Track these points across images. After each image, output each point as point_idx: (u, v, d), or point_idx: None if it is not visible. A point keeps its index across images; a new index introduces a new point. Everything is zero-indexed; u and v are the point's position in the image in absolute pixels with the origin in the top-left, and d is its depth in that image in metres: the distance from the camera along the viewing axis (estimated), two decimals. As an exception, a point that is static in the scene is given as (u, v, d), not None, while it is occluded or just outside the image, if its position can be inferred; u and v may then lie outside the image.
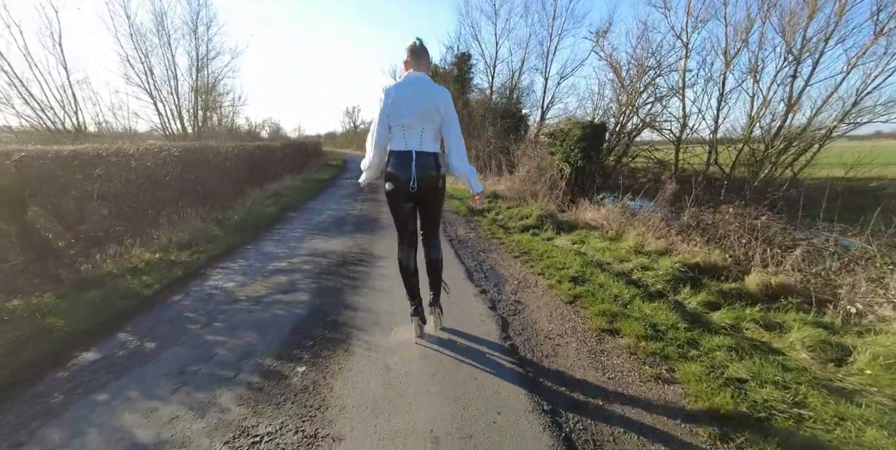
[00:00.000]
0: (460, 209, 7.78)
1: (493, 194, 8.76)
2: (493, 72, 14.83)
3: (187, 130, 20.13)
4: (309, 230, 6.00)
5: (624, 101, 8.49)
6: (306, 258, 4.48)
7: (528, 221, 6.18)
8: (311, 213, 7.61)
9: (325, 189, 11.20)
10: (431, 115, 2.25)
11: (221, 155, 9.30)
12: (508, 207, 7.66)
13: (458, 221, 6.79)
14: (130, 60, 18.09)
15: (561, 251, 4.38)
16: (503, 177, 10.33)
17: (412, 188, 2.24)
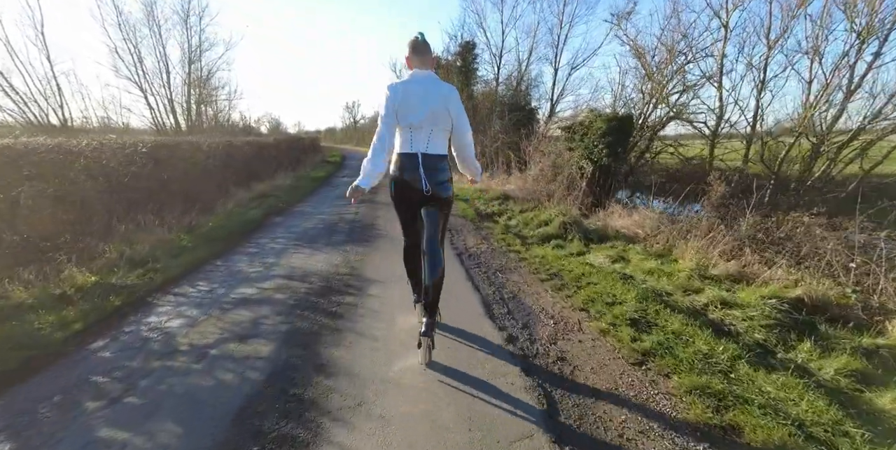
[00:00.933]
0: (467, 212, 6.83)
1: (504, 196, 7.80)
2: (500, 62, 13.81)
3: (180, 125, 19.21)
4: (293, 240, 5.06)
5: (648, 91, 7.52)
6: (281, 282, 3.54)
7: (549, 230, 5.24)
8: (299, 217, 6.67)
9: (318, 189, 10.25)
10: (441, 115, 2.11)
11: (204, 152, 8.34)
12: (522, 211, 6.71)
13: (465, 227, 5.84)
14: (119, 52, 17.11)
15: (601, 274, 3.43)
16: (513, 175, 9.37)
17: (426, 192, 2.10)
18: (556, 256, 4.16)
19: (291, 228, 5.79)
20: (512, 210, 6.83)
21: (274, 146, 14.01)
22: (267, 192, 8.69)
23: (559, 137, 7.83)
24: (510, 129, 10.50)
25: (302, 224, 6.08)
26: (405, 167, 2.13)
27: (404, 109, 2.08)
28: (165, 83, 18.75)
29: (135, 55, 17.26)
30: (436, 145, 2.14)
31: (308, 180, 11.34)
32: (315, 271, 3.81)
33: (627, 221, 5.32)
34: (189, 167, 7.58)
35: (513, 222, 6.12)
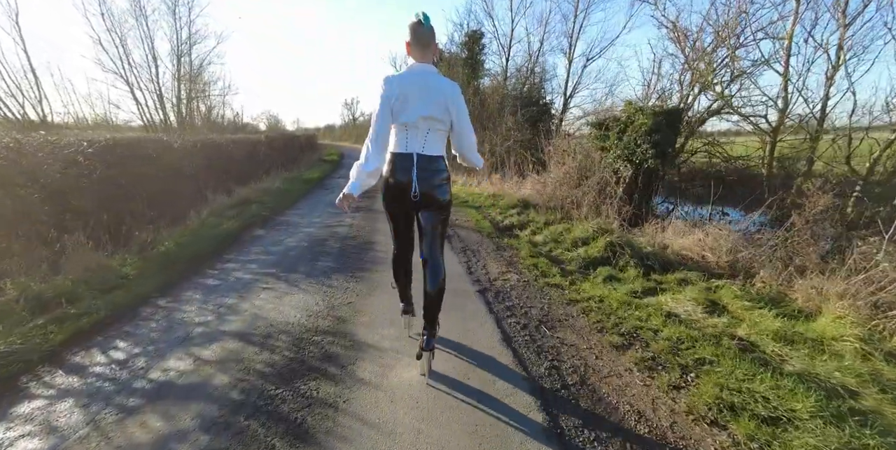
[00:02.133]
0: (482, 225, 5.67)
1: (522, 203, 6.63)
2: (509, 54, 12.60)
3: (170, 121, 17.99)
4: (267, 267, 3.90)
5: (691, 80, 6.37)
6: (232, 348, 2.39)
7: (591, 251, 4.08)
8: (282, 230, 5.50)
9: (311, 192, 9.07)
10: (440, 114, 1.89)
11: (177, 152, 7.16)
12: (548, 223, 5.55)
13: (483, 245, 4.69)
14: (103, 43, 15.83)
15: (707, 340, 2.21)
16: (528, 178, 8.20)
17: (415, 197, 1.90)
18: (618, 297, 3.00)
19: (270, 248, 4.63)
20: (535, 222, 5.67)
21: (266, 144, 12.82)
22: (251, 197, 7.51)
23: (587, 135, 6.67)
24: (523, 126, 9.32)
25: (284, 240, 4.92)
26: (398, 168, 1.92)
27: (400, 106, 1.86)
28: (154, 77, 17.52)
29: (120, 47, 16.00)
30: (433, 146, 1.94)
31: (300, 182, 10.16)
32: (284, 325, 2.65)
33: (689, 241, 4.16)
34: (158, 170, 6.42)
35: (539, 238, 4.97)
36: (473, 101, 10.95)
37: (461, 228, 5.60)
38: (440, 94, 1.87)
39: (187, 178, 7.43)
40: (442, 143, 1.98)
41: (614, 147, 5.69)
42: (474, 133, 2.06)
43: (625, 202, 5.67)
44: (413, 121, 1.87)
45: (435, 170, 1.93)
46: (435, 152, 1.94)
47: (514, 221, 5.78)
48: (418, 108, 1.85)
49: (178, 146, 6.98)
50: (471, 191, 8.31)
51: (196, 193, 7.30)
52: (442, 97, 1.87)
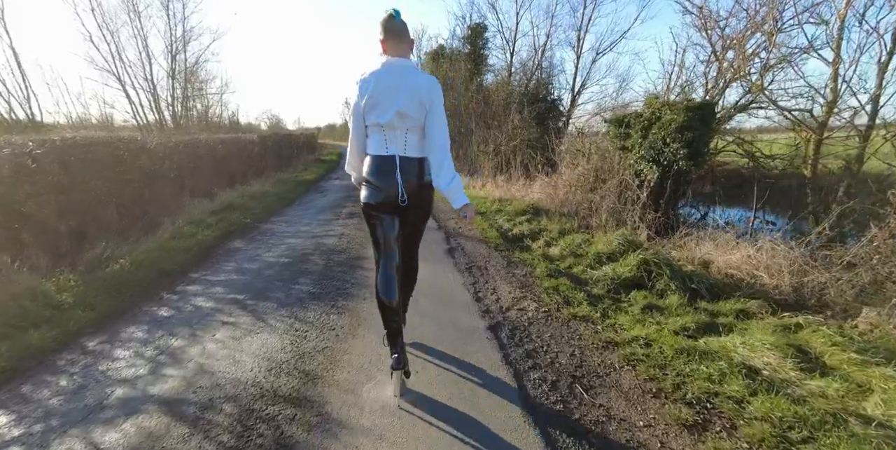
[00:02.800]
0: (488, 234, 4.99)
1: (532, 209, 5.94)
2: (513, 49, 11.91)
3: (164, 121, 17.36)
4: (234, 291, 3.23)
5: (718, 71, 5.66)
6: (151, 427, 1.69)
7: (622, 270, 3.39)
8: (264, 242, 4.83)
9: (303, 196, 8.40)
10: (415, 112, 1.72)
11: (153, 152, 6.49)
12: (563, 233, 4.87)
13: (491, 260, 4.01)
14: (94, 40, 15.17)
15: (835, 430, 1.50)
16: (537, 181, 7.51)
17: (402, 202, 1.77)
18: (669, 340, 2.30)
19: (244, 265, 3.96)
20: (548, 231, 4.99)
21: (259, 144, 12.14)
22: (235, 202, 6.84)
23: (604, 133, 5.97)
24: (530, 123, 8.63)
25: (262, 255, 4.25)
26: (379, 172, 1.78)
27: (374, 105, 1.73)
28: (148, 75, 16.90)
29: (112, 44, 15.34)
30: (414, 147, 1.79)
31: (293, 185, 9.50)
32: (233, 385, 1.97)
33: (736, 258, 3.47)
34: (132, 173, 5.75)
35: (555, 251, 4.28)
36: (476, 98, 10.26)
37: (466, 238, 4.92)
38: (415, 88, 1.71)
39: (168, 181, 6.76)
40: (423, 143, 1.82)
41: (637, 147, 5.00)
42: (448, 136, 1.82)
43: (649, 208, 4.99)
44: (388, 120, 1.72)
45: (419, 172, 1.81)
46: (417, 154, 1.81)
47: (524, 229, 5.09)
48: (393, 104, 1.71)
49: (153, 147, 6.30)
50: (474, 194, 7.62)
51: (176, 197, 6.64)
52: (416, 92, 1.71)
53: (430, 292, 3.13)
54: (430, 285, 3.27)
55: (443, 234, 5.08)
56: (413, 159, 1.80)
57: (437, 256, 4.13)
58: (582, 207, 5.70)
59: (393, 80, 1.72)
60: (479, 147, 10.03)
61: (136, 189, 5.83)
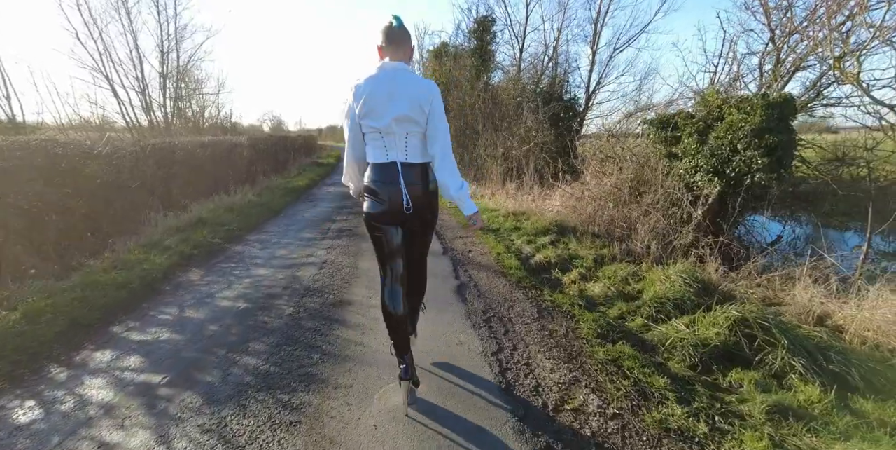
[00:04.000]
0: (507, 264, 3.94)
1: (556, 225, 4.88)
2: (522, 45, 10.86)
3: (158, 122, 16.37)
4: (151, 369, 2.19)
5: (777, 62, 4.61)
6: None
7: (706, 333, 2.33)
8: (224, 273, 3.80)
9: (291, 206, 7.37)
10: (416, 116, 1.62)
11: (106, 159, 5.47)
12: (600, 261, 3.82)
13: (515, 306, 2.96)
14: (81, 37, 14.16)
15: None
16: (556, 190, 6.47)
17: (407, 210, 1.67)
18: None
19: (187, 311, 2.92)
20: (581, 258, 3.94)
21: (249, 147, 11.13)
22: (208, 217, 5.81)
23: (643, 135, 4.94)
24: (544, 125, 7.59)
25: (216, 296, 3.21)
26: (382, 180, 1.68)
27: (369, 111, 1.62)
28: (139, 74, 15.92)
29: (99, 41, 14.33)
30: (415, 152, 1.70)
31: (281, 193, 8.46)
32: None
33: (880, 316, 2.40)
34: (72, 185, 4.73)
35: (597, 290, 3.23)
36: (484, 97, 9.22)
37: (477, 267, 3.88)
38: (414, 92, 1.62)
39: (130, 193, 5.75)
40: (425, 148, 1.72)
41: (691, 154, 3.96)
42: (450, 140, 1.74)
43: (704, 230, 3.95)
44: (385, 125, 1.63)
45: (421, 179, 1.71)
46: (419, 159, 1.71)
47: (550, 255, 4.04)
48: (391, 109, 1.61)
49: (106, 152, 5.27)
50: (484, 206, 6.58)
51: (139, 212, 5.62)
52: (414, 96, 1.61)
53: (436, 371, 2.10)
54: (435, 352, 2.24)
55: (449, 261, 4.04)
56: (416, 165, 1.72)
57: (444, 298, 3.09)
58: (616, 225, 4.65)
59: (389, 85, 1.62)
60: (485, 151, 9.00)
61: (84, 204, 4.82)
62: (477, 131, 9.46)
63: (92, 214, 4.83)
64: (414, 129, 1.66)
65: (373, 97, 1.61)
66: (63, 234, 4.52)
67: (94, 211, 5.00)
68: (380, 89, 1.61)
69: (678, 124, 4.21)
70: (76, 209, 4.77)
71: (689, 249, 3.88)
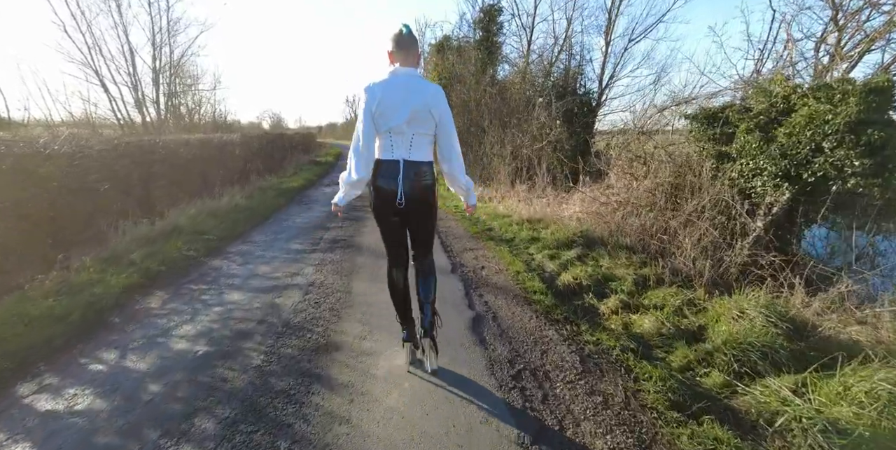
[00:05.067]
0: (528, 286, 3.25)
1: (581, 237, 4.17)
2: (531, 36, 10.08)
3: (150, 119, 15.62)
4: None
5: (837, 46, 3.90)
6: None
7: (841, 412, 1.65)
8: (191, 298, 3.10)
9: (282, 210, 6.65)
10: (424, 118, 1.78)
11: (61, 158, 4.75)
12: (642, 284, 3.13)
13: (548, 350, 2.27)
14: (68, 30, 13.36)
15: None
16: (574, 193, 5.76)
17: (399, 204, 1.79)
18: None
19: (127, 359, 2.23)
20: (618, 278, 3.24)
21: (241, 146, 10.40)
22: (185, 225, 5.11)
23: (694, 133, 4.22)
24: (557, 122, 6.86)
25: (172, 334, 2.51)
26: (384, 175, 1.81)
27: (382, 112, 1.74)
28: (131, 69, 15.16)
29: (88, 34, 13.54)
30: (419, 151, 1.82)
31: (274, 194, 7.75)
32: None
33: None
34: (17, 190, 4.03)
35: (647, 325, 2.54)
36: (490, 92, 8.48)
37: (494, 290, 3.18)
38: (423, 97, 1.75)
39: (96, 197, 5.04)
40: (428, 148, 1.86)
41: (752, 154, 3.25)
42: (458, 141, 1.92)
43: (766, 246, 3.25)
44: (396, 126, 1.75)
45: (421, 176, 1.82)
46: (420, 158, 1.83)
47: (580, 275, 3.34)
48: (401, 113, 1.73)
49: (64, 151, 4.55)
50: (493, 211, 5.87)
51: (105, 219, 4.91)
52: (424, 101, 1.75)
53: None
54: (452, 438, 1.55)
55: (459, 282, 3.34)
56: (417, 163, 1.81)
57: (457, 337, 2.40)
58: (653, 236, 3.94)
59: (401, 90, 1.74)
60: (492, 149, 8.28)
61: (34, 211, 4.11)
62: (483, 128, 8.73)
63: (42, 223, 4.12)
64: (420, 130, 1.79)
65: (386, 101, 1.71)
66: (2, 247, 3.82)
67: (49, 219, 4.30)
68: (392, 94, 1.72)
69: (729, 119, 3.51)
70: (29, 216, 4.08)
71: (745, 268, 3.19)
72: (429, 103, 1.75)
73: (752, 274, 3.10)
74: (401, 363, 2.11)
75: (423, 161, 1.83)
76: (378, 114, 1.73)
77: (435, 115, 1.79)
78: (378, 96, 1.72)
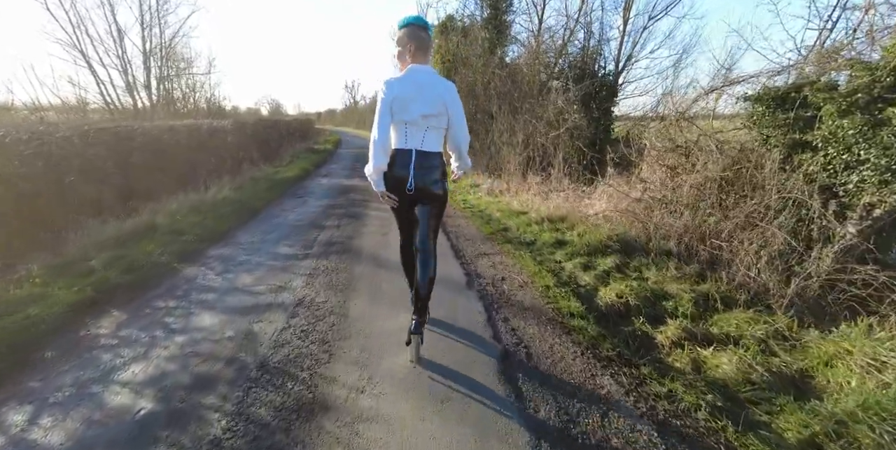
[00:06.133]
0: (562, 305, 2.61)
1: (618, 241, 3.52)
2: (542, 15, 9.19)
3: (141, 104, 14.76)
4: None
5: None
6: None
7: None
8: (150, 320, 2.45)
9: (274, 204, 5.96)
10: (438, 113, 1.87)
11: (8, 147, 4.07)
12: (703, 303, 2.49)
13: (589, 385, 1.66)
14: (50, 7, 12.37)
15: None
16: (595, 187, 5.07)
17: (409, 190, 1.88)
18: None
19: (41, 422, 1.61)
20: (672, 297, 2.60)
21: (234, 133, 9.63)
22: (162, 222, 4.44)
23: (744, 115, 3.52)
24: (576, 107, 6.12)
25: (115, 377, 1.88)
26: (397, 163, 1.89)
27: (400, 106, 1.83)
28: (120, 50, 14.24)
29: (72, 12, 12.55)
30: (431, 142, 1.91)
31: (266, 186, 7.04)
32: None
33: None
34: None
35: (726, 367, 1.93)
36: (500, 75, 7.69)
37: (522, 312, 2.54)
38: (438, 92, 1.85)
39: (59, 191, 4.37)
40: (439, 140, 1.95)
41: (847, 143, 2.57)
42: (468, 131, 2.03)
43: (859, 257, 2.61)
44: (412, 119, 1.84)
45: (431, 165, 1.90)
46: (432, 149, 1.91)
47: (623, 291, 2.69)
48: (418, 106, 1.83)
49: (10, 140, 3.85)
50: (508, 207, 5.19)
51: (66, 217, 4.25)
52: (439, 97, 1.85)
53: None
54: None
55: (478, 300, 2.70)
56: (428, 153, 1.89)
57: (485, 385, 1.76)
58: (702, 240, 3.29)
59: (419, 85, 1.83)
60: (501, 137, 7.54)
61: None
62: (490, 115, 7.97)
63: None
64: (434, 123, 1.89)
65: (403, 96, 1.81)
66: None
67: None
68: (411, 88, 1.82)
69: (808, 100, 2.82)
70: None
71: (832, 283, 2.56)
72: (443, 99, 1.85)
73: (841, 291, 2.47)
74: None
75: (434, 152, 1.92)
76: (396, 108, 1.82)
77: (449, 110, 1.88)
78: (396, 92, 1.81)
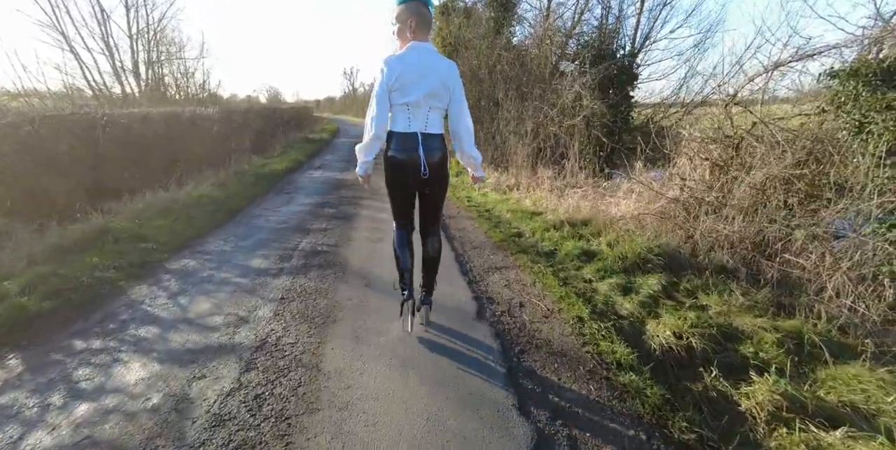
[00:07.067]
0: (602, 346, 1.95)
1: (663, 255, 2.83)
2: (551, -9, 8.27)
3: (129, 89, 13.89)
4: None
5: None
6: None
7: None
8: (75, 365, 1.79)
9: (258, 201, 5.24)
10: (440, 93, 1.76)
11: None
12: (793, 350, 1.83)
13: None
14: (24, -13, 11.41)
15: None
16: (619, 184, 4.36)
17: (424, 174, 1.78)
18: None
19: None
20: (747, 336, 1.94)
21: (221, 122, 8.85)
22: (119, 226, 3.74)
23: (828, 95, 2.80)
24: (594, 92, 5.35)
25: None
26: (403, 148, 1.78)
27: (401, 86, 1.71)
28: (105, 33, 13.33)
29: (53, -8, 11.58)
30: (434, 124, 1.82)
31: (251, 180, 6.31)
32: None
33: None
34: None
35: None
36: (507, 57, 6.86)
37: (552, 358, 1.88)
38: (440, 71, 1.74)
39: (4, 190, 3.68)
40: (441, 121, 1.85)
41: None
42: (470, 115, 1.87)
43: None
44: (414, 100, 1.73)
45: (438, 147, 1.83)
46: (437, 131, 1.83)
47: (680, 327, 2.02)
48: (420, 86, 1.72)
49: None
50: (519, 206, 4.48)
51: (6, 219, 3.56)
52: (441, 75, 1.74)
53: None
54: None
55: (494, 339, 2.04)
56: (433, 135, 1.81)
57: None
58: (767, 254, 2.60)
59: (420, 63, 1.71)
60: (507, 126, 6.78)
61: None
62: (496, 102, 7.18)
63: None
64: (436, 104, 1.77)
65: (406, 74, 1.70)
66: None
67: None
68: (412, 68, 1.70)
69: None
70: None
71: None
72: (444, 79, 1.75)
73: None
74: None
75: (438, 133, 1.83)
76: (396, 87, 1.72)
77: (450, 89, 1.78)
78: (397, 71, 1.70)
